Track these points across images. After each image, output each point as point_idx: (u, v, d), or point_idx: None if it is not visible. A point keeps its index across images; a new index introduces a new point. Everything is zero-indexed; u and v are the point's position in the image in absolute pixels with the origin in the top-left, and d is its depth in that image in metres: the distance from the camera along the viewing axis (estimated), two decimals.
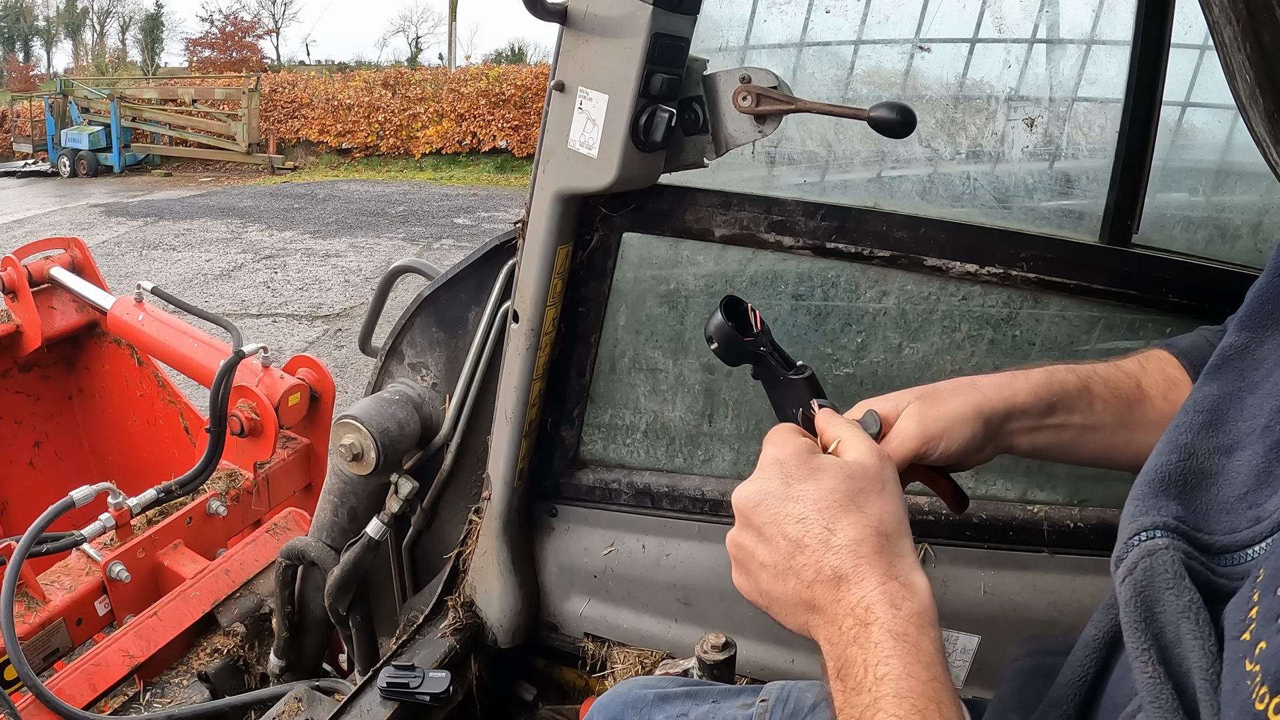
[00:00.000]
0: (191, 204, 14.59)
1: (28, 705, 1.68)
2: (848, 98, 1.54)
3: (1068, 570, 1.51)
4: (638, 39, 1.19)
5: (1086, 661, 0.73)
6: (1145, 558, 0.63)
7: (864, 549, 0.71)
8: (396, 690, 1.49)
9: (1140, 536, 0.65)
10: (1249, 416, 0.70)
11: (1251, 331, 0.76)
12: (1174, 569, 0.61)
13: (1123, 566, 0.65)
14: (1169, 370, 0.98)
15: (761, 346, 0.95)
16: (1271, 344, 0.75)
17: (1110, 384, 0.96)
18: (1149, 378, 0.97)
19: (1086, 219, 1.51)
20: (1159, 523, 0.65)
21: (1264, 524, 0.62)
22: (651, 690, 1.15)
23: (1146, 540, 0.64)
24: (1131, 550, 0.65)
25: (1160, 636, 0.60)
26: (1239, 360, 0.75)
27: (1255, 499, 0.64)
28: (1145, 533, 0.65)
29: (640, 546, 1.68)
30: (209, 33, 48.11)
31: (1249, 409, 0.71)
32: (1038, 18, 1.49)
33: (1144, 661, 0.60)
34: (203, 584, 2.10)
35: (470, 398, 1.69)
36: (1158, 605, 0.61)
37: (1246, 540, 0.62)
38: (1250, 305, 0.78)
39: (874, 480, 0.76)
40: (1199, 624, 0.57)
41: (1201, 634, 0.57)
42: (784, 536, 0.74)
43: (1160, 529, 0.64)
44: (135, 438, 3.17)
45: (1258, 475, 0.65)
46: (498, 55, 47.96)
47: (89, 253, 2.97)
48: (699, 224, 1.48)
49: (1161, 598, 0.61)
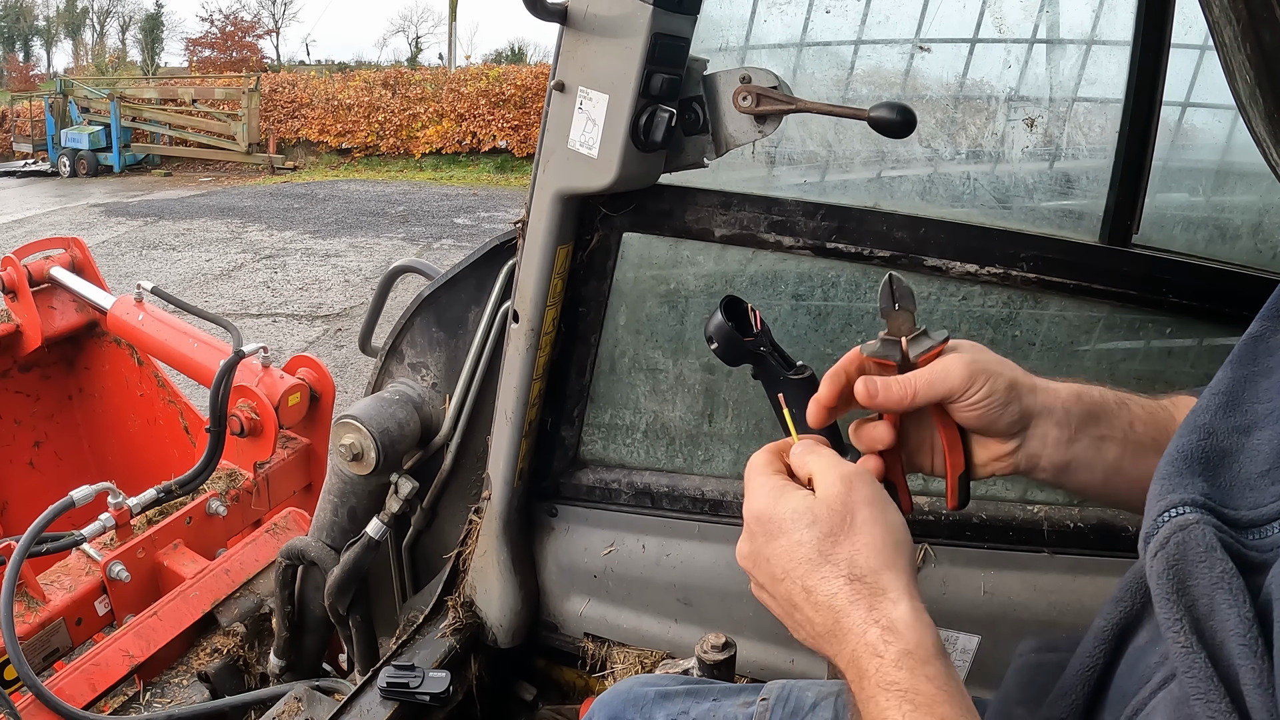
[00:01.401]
0: (191, 204, 14.59)
1: (28, 705, 1.68)
2: (848, 98, 1.54)
3: (1068, 570, 1.51)
4: (638, 39, 1.19)
5: (1096, 652, 0.73)
6: (1178, 532, 0.63)
7: (839, 601, 0.71)
8: (396, 690, 1.49)
9: (1170, 513, 0.65)
10: (1265, 399, 0.71)
11: (1269, 320, 0.77)
12: (1206, 541, 0.61)
13: (1154, 542, 0.65)
14: None
15: (761, 346, 0.95)
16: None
17: (1146, 408, 0.92)
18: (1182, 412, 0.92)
19: (1086, 219, 1.51)
20: (1187, 499, 0.65)
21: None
22: (653, 688, 1.15)
23: (1177, 516, 0.65)
24: (1162, 526, 0.65)
25: (1194, 608, 0.60)
26: (1254, 346, 0.76)
27: (1278, 475, 0.65)
28: (1175, 509, 0.65)
29: (640, 546, 1.68)
30: (209, 33, 48.17)
31: (1264, 392, 0.72)
32: (1038, 18, 1.49)
33: (1176, 631, 0.60)
34: (203, 584, 2.10)
35: (470, 398, 1.69)
36: (1190, 578, 0.61)
37: (1272, 514, 0.63)
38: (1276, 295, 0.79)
39: (840, 519, 0.74)
40: (1233, 593, 0.58)
41: (1237, 602, 0.58)
42: (779, 596, 0.77)
43: (1189, 505, 0.65)
44: (135, 438, 3.17)
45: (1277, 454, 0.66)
46: (498, 55, 47.98)
47: (89, 252, 2.98)
48: (699, 224, 1.48)
49: (1195, 570, 0.61)
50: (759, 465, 0.82)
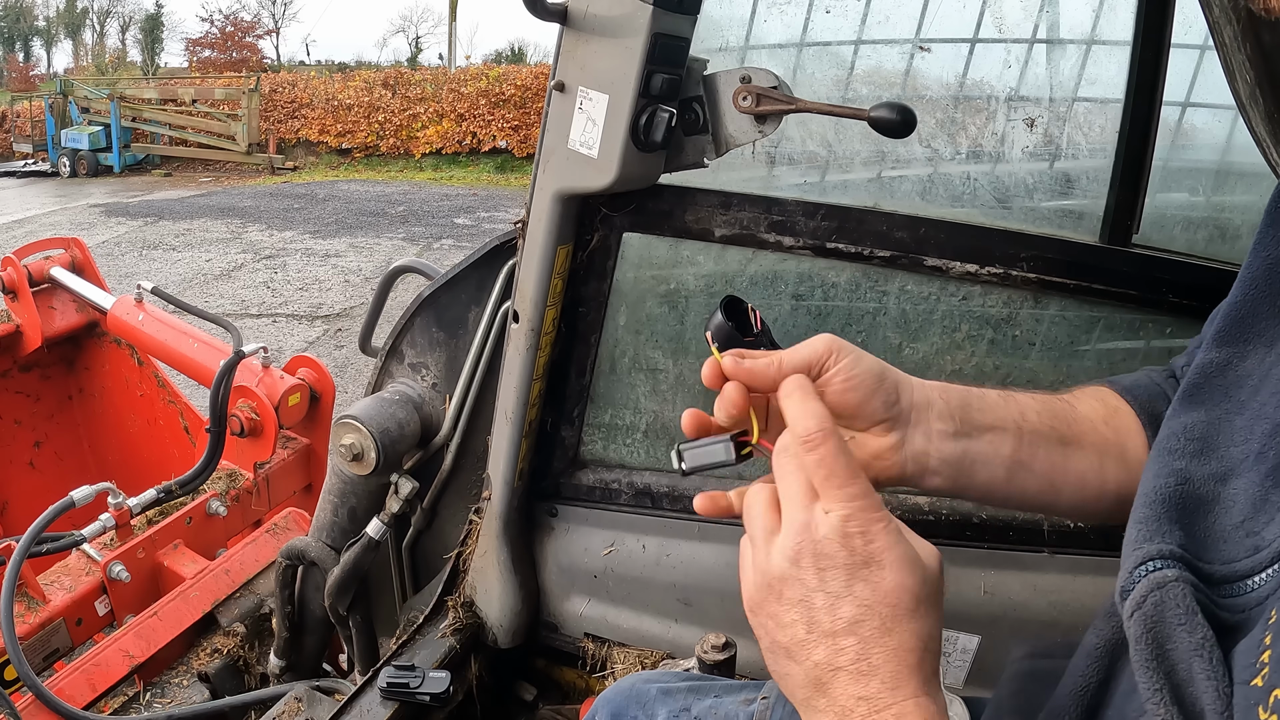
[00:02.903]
0: (191, 204, 14.59)
1: (28, 705, 1.68)
2: (848, 98, 1.54)
3: (1068, 570, 1.51)
4: (638, 39, 1.19)
5: (1089, 671, 0.71)
6: (1155, 590, 0.61)
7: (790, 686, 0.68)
8: (396, 690, 1.49)
9: (1147, 566, 0.63)
10: (1240, 441, 0.68)
11: (1232, 346, 0.73)
12: (1185, 604, 0.59)
13: (1131, 599, 0.62)
14: (1108, 399, 0.90)
15: (762, 346, 0.95)
16: (1254, 359, 0.72)
17: (1037, 399, 0.87)
18: (1084, 403, 0.89)
19: (1086, 219, 1.51)
20: (1164, 551, 0.63)
21: (1263, 553, 0.60)
22: (655, 685, 1.15)
23: (1154, 571, 0.62)
24: (1139, 582, 0.62)
25: (1172, 675, 0.58)
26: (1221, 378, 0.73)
27: (1252, 527, 0.62)
28: (1152, 561, 0.63)
29: (640, 546, 1.68)
30: (209, 33, 48.20)
31: (1239, 432, 0.69)
32: (1038, 18, 1.49)
33: (1157, 703, 0.58)
34: (203, 584, 2.10)
35: (470, 398, 1.69)
36: (1169, 642, 0.59)
37: (1245, 570, 0.60)
38: (1227, 320, 0.75)
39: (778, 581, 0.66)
40: (1212, 664, 0.56)
41: (1215, 674, 0.55)
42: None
43: (1167, 558, 0.62)
44: (135, 438, 3.17)
45: (1254, 503, 0.63)
46: (498, 55, 48.01)
47: (89, 253, 2.97)
48: (699, 224, 1.48)
49: (1173, 634, 0.59)
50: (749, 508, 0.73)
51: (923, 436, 0.82)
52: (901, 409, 0.82)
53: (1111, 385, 0.92)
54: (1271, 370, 0.70)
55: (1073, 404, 0.89)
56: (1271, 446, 0.64)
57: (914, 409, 0.82)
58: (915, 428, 0.82)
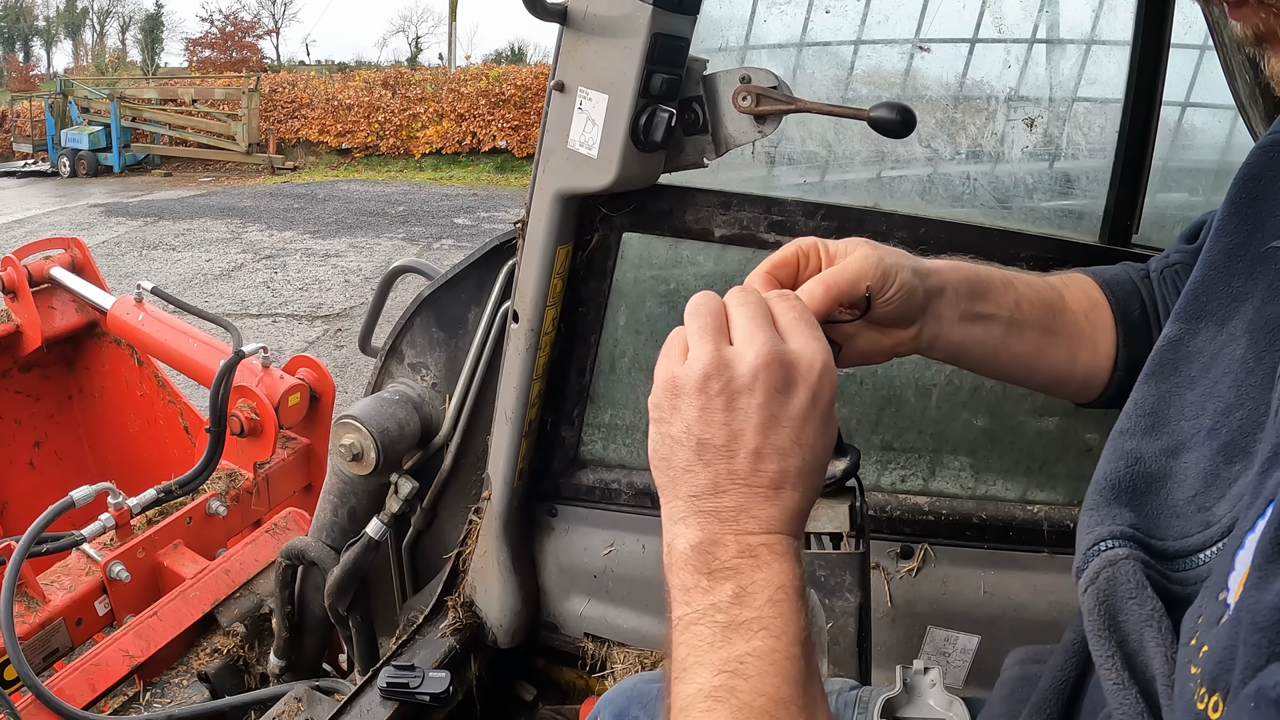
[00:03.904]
0: (191, 204, 14.59)
1: (28, 705, 1.68)
2: (848, 98, 1.54)
3: (1068, 570, 1.50)
4: (638, 39, 1.19)
5: (1067, 666, 0.73)
6: (1107, 567, 0.63)
7: (678, 482, 0.66)
8: (396, 690, 1.49)
9: (1099, 547, 0.65)
10: (1191, 415, 0.70)
11: (1186, 323, 0.75)
12: (1136, 579, 0.61)
13: (1084, 577, 0.65)
14: (1091, 292, 0.96)
15: None
16: (1205, 336, 0.74)
17: (1034, 287, 0.93)
18: (1071, 293, 0.95)
19: (1086, 219, 1.51)
20: (1115, 531, 0.65)
21: (1214, 528, 0.61)
22: (657, 684, 1.15)
23: (1106, 550, 0.64)
24: (1091, 561, 0.65)
25: (1124, 644, 0.60)
26: (1173, 352, 0.75)
27: (1204, 502, 0.64)
28: (1104, 542, 0.65)
29: (640, 546, 1.68)
30: (209, 33, 48.12)
31: (1190, 406, 0.70)
32: (1038, 18, 1.49)
33: (1109, 669, 0.60)
34: (203, 584, 2.10)
35: (470, 398, 1.69)
36: (1120, 614, 0.61)
37: (1197, 545, 0.62)
38: (1185, 298, 0.77)
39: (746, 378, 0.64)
40: (1161, 632, 0.58)
41: (1164, 642, 0.57)
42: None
43: (1118, 538, 0.64)
44: (135, 438, 3.17)
45: (1205, 478, 0.65)
46: (498, 55, 47.94)
47: (89, 253, 2.97)
48: (699, 224, 1.48)
49: (1124, 607, 0.61)
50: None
51: (934, 322, 0.89)
52: (925, 305, 0.88)
53: (1094, 277, 0.98)
54: (1223, 349, 0.71)
55: (1062, 295, 0.94)
56: (1224, 424, 0.66)
57: (930, 299, 0.88)
58: (929, 315, 0.88)
